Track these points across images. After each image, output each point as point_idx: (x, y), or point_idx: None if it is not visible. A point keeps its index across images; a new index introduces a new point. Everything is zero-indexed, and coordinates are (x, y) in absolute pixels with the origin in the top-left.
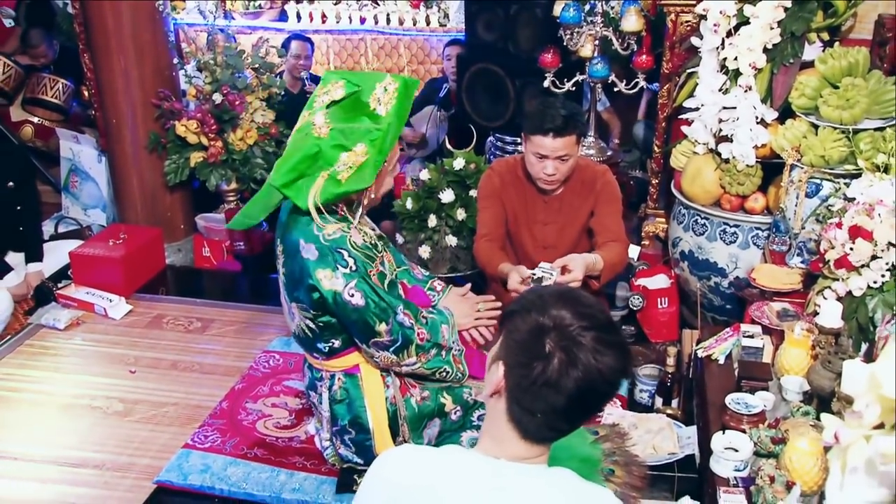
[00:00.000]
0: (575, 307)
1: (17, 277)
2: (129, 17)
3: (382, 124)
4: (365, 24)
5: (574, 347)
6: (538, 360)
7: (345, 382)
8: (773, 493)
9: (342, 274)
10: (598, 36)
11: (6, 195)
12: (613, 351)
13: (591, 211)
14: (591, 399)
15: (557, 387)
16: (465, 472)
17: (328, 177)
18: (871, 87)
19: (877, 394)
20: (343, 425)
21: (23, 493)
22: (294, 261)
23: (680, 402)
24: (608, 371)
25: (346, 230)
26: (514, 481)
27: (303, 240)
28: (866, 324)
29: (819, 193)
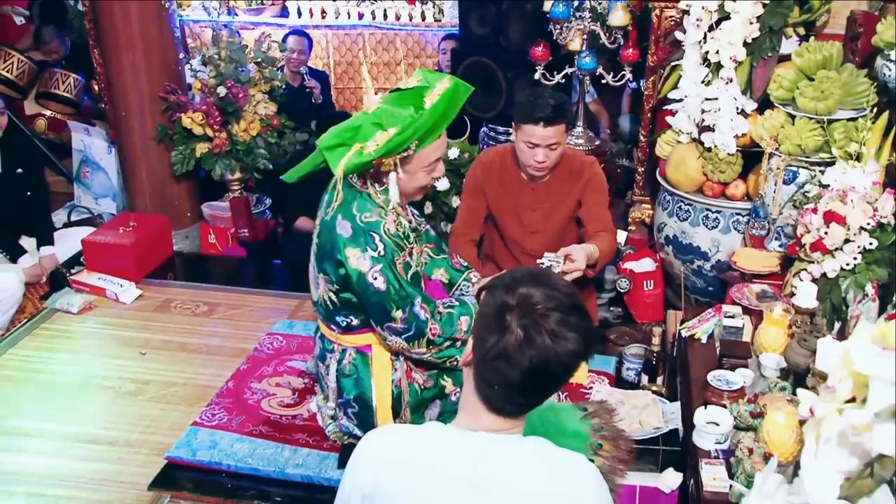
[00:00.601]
0: (543, 288)
1: (32, 259)
2: (137, 14)
3: (418, 114)
4: (363, 20)
5: (532, 327)
6: (496, 334)
7: (355, 359)
8: (752, 464)
9: (370, 256)
10: (587, 30)
11: (16, 182)
12: (573, 334)
13: (578, 199)
14: (544, 378)
15: (512, 361)
16: (445, 446)
17: (358, 149)
18: (844, 79)
19: (849, 370)
20: (348, 399)
21: (41, 467)
22: (329, 234)
23: (664, 379)
24: (564, 354)
25: (383, 216)
26: (491, 451)
27: (341, 216)
28: (839, 304)
29: (796, 180)
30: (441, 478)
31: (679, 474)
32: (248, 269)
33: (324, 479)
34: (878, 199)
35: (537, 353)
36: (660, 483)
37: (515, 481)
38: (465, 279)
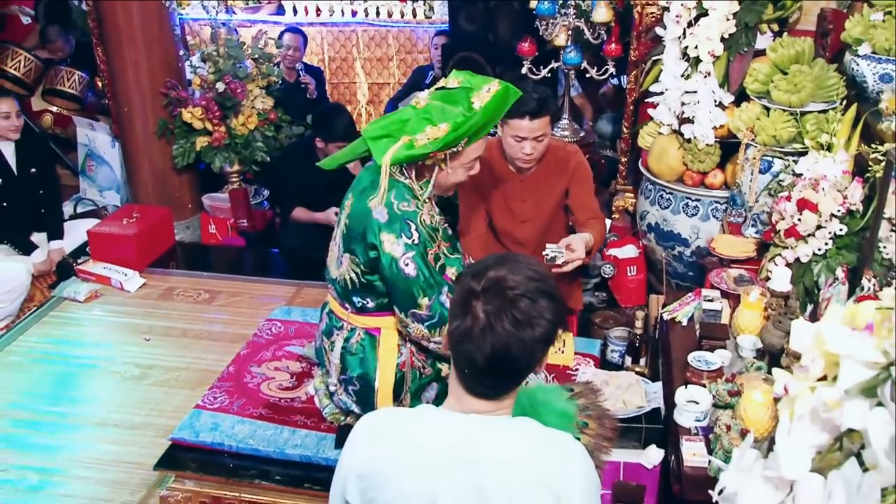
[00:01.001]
0: (511, 274)
1: (42, 255)
2: (138, 13)
3: (470, 114)
4: (356, 17)
5: (494, 314)
6: (461, 319)
7: (363, 339)
8: (730, 441)
9: (403, 243)
10: (571, 26)
11: (30, 181)
12: (539, 321)
13: (566, 188)
14: (508, 362)
15: (476, 345)
16: (437, 428)
17: (407, 141)
18: (816, 73)
19: (821, 350)
20: (351, 376)
21: (51, 447)
22: (362, 218)
23: (647, 360)
24: (529, 340)
25: (420, 207)
26: (481, 431)
27: (376, 201)
28: (812, 287)
29: (771, 170)
30: (433, 458)
31: (661, 451)
32: (247, 258)
33: (321, 459)
34: (848, 188)
35: (498, 339)
36: (643, 459)
37: (505, 461)
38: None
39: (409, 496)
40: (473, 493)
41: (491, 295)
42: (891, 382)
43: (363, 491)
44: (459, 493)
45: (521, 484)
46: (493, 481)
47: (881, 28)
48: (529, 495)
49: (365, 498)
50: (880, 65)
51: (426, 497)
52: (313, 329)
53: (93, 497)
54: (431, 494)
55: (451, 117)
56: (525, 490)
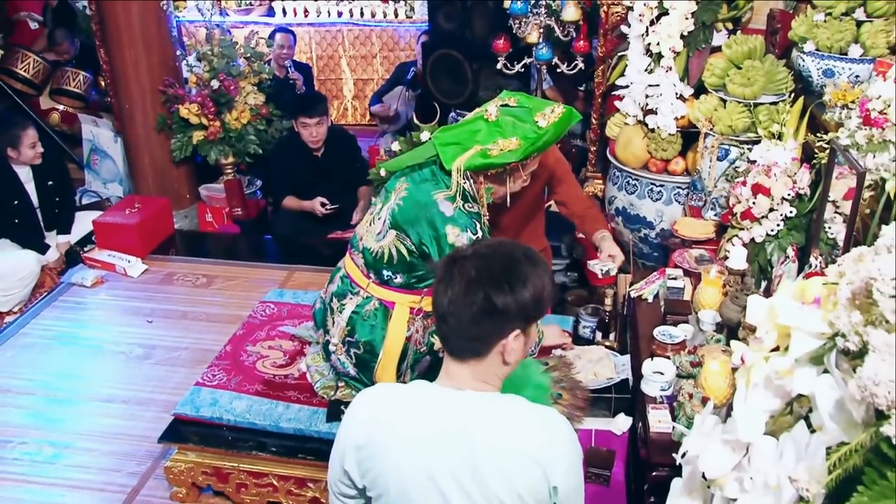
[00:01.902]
0: (500, 246)
1: (55, 253)
2: (138, 16)
3: (541, 131)
4: (342, 17)
5: (478, 270)
6: (448, 281)
7: (377, 308)
8: (692, 408)
9: (468, 237)
10: (543, 25)
11: (48, 191)
12: (520, 278)
13: (545, 182)
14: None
15: (457, 311)
16: (429, 402)
17: (480, 150)
18: (767, 68)
19: (774, 323)
20: (358, 340)
21: (63, 422)
22: (423, 206)
23: (616, 335)
24: (514, 294)
25: (480, 211)
26: (472, 406)
27: (444, 197)
28: (765, 265)
29: (728, 157)
30: (428, 434)
31: (629, 418)
32: (241, 244)
33: (314, 432)
34: (797, 173)
35: (481, 288)
36: (612, 426)
37: (495, 435)
38: None
39: (402, 469)
40: (469, 468)
41: (477, 258)
42: (836, 351)
43: (360, 461)
44: (455, 469)
45: (509, 457)
46: (484, 456)
47: (823, 28)
48: (518, 468)
49: (362, 468)
50: (823, 61)
51: (422, 472)
52: (305, 310)
53: (102, 468)
54: (427, 470)
55: (521, 132)
56: (513, 463)
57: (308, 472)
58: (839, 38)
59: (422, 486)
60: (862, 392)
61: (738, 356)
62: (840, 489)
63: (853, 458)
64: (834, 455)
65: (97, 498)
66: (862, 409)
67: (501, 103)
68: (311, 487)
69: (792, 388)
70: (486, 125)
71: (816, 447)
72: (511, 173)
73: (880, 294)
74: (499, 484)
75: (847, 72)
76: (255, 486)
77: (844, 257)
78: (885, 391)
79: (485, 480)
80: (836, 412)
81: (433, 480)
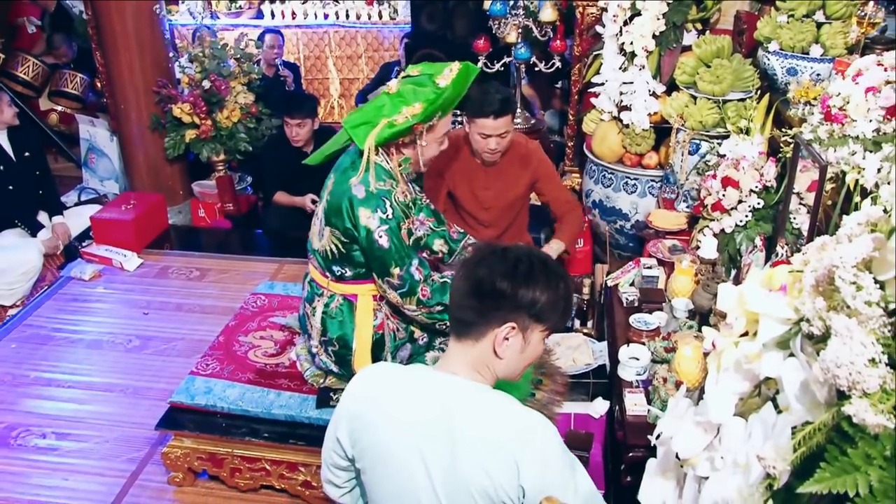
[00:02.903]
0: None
1: (48, 232)
2: (132, 20)
3: (440, 90)
4: (328, 20)
5: (480, 258)
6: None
7: (341, 304)
8: (666, 391)
9: (378, 217)
10: (521, 25)
11: (26, 164)
12: (544, 283)
13: (529, 182)
14: (480, 291)
15: (462, 280)
16: (424, 384)
17: (387, 122)
18: (734, 66)
19: (743, 309)
20: (331, 338)
21: (65, 410)
22: (343, 196)
23: (594, 322)
24: (487, 275)
25: (394, 187)
26: (462, 394)
27: (355, 180)
28: (735, 254)
29: (699, 151)
30: (414, 413)
31: (606, 402)
32: (233, 239)
33: (304, 418)
34: (764, 167)
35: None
36: (590, 410)
37: (476, 424)
38: (462, 248)
39: (388, 446)
40: (449, 453)
41: (503, 249)
42: (801, 336)
43: (351, 431)
44: (436, 451)
45: (486, 448)
46: (463, 442)
47: (786, 28)
48: (492, 459)
49: (352, 438)
50: (786, 60)
51: (406, 451)
52: (294, 301)
53: (103, 453)
54: (411, 449)
55: (423, 96)
56: (489, 454)
57: (299, 457)
58: (801, 38)
59: (405, 464)
60: (825, 374)
61: (710, 342)
62: (804, 466)
63: (816, 436)
64: (799, 434)
65: (98, 482)
66: (825, 391)
67: (404, 75)
68: (301, 471)
69: (760, 371)
70: (390, 98)
71: (783, 427)
72: (421, 137)
73: (842, 281)
74: (474, 470)
75: (809, 70)
76: (248, 470)
77: (808, 246)
78: (846, 373)
79: (462, 465)
80: (801, 393)
81: (416, 459)
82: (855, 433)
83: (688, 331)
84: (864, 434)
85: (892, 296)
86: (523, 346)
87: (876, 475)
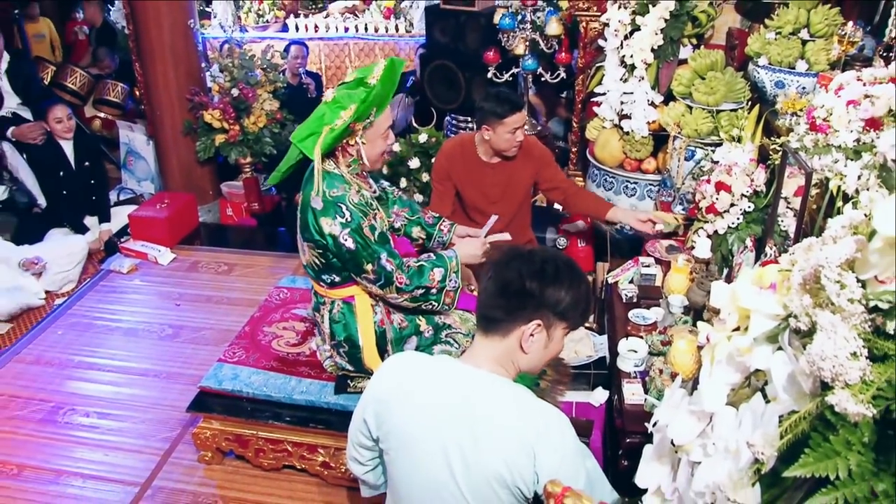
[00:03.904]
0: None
1: (93, 235)
2: (168, 34)
3: (370, 87)
4: (348, 32)
5: (509, 258)
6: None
7: (342, 308)
8: (662, 381)
9: (339, 223)
10: (528, 38)
11: (84, 172)
12: (565, 283)
13: (533, 173)
14: (509, 291)
15: (490, 281)
16: (448, 374)
17: (329, 129)
18: (727, 79)
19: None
20: (339, 340)
21: (105, 393)
22: (305, 210)
23: (595, 317)
24: (516, 277)
25: (347, 190)
26: (484, 387)
27: (313, 193)
28: (727, 254)
29: (694, 158)
30: (438, 399)
31: (606, 391)
32: (258, 236)
33: (324, 403)
34: (754, 173)
35: (518, 269)
36: (591, 399)
37: (496, 417)
38: (437, 230)
39: (412, 430)
40: (470, 438)
41: (529, 251)
42: (789, 331)
43: (377, 413)
44: (458, 437)
45: (505, 436)
46: (484, 429)
47: (774, 45)
48: (511, 448)
49: (378, 420)
50: (775, 74)
51: (429, 436)
52: None
53: (138, 433)
54: (434, 434)
55: (356, 98)
56: (507, 442)
57: (319, 440)
58: (788, 54)
59: (426, 447)
60: (810, 366)
61: (704, 336)
62: (790, 452)
63: (802, 424)
64: (785, 422)
65: (135, 459)
66: (810, 382)
67: (339, 83)
68: (321, 453)
69: (750, 363)
70: (328, 107)
71: (771, 416)
72: (362, 135)
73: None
74: (493, 457)
75: (795, 84)
76: (271, 451)
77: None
78: (830, 365)
79: (481, 452)
80: (789, 384)
81: (436, 443)
82: (837, 421)
83: (683, 325)
84: (845, 422)
85: (873, 294)
86: (547, 342)
87: (855, 460)
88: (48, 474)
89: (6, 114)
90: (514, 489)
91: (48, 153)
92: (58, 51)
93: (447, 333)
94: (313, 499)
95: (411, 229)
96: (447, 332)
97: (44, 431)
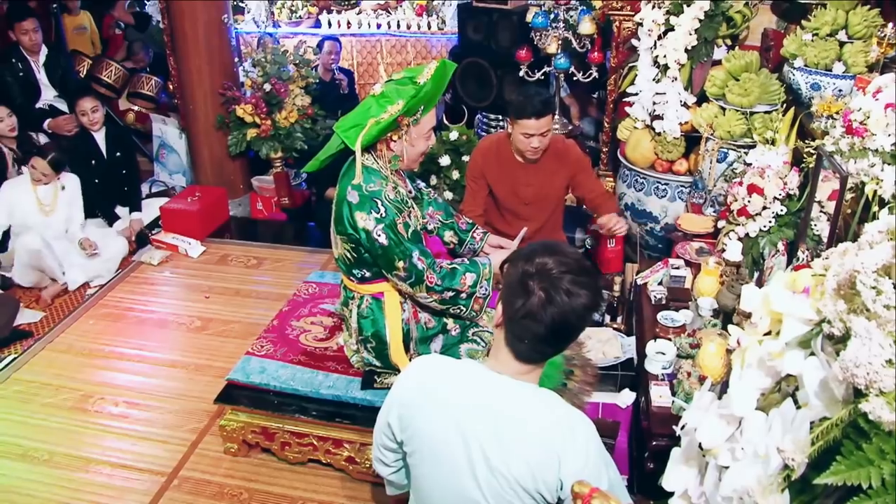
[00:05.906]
0: (556, 256)
1: (124, 223)
2: (203, 28)
3: (420, 86)
4: (380, 29)
5: (551, 289)
6: (522, 298)
7: (371, 304)
8: (689, 384)
9: (374, 218)
10: (561, 37)
11: (116, 163)
12: (584, 291)
13: (567, 177)
14: (565, 329)
15: (537, 318)
16: (474, 379)
17: (374, 122)
18: (761, 80)
19: (768, 309)
20: (367, 336)
21: (135, 383)
22: (341, 203)
23: (623, 318)
24: (579, 307)
25: (384, 186)
26: (510, 392)
27: (350, 187)
28: (758, 258)
29: (726, 159)
30: (462, 402)
31: (633, 393)
32: (288, 230)
33: (350, 398)
34: (787, 176)
35: (558, 309)
36: (618, 400)
37: (521, 415)
38: (470, 237)
39: (436, 432)
40: (496, 441)
41: (543, 274)
42: (822, 336)
43: (401, 417)
44: (482, 438)
45: (530, 439)
46: (509, 432)
47: (811, 46)
48: (535, 450)
49: (402, 423)
50: (811, 76)
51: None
52: None
53: (166, 423)
54: (458, 436)
55: (404, 94)
56: (532, 445)
57: (344, 434)
58: (824, 56)
59: (449, 450)
60: (844, 373)
61: (735, 339)
62: (821, 459)
63: (833, 431)
64: (817, 429)
65: (163, 448)
66: (843, 388)
67: (388, 79)
68: (346, 448)
69: (782, 368)
70: (375, 100)
71: (801, 421)
72: (407, 131)
73: (862, 285)
74: (516, 462)
75: (832, 86)
76: (297, 444)
77: (830, 252)
78: (864, 372)
79: (504, 456)
80: (821, 390)
81: (459, 446)
82: (870, 429)
83: (712, 328)
84: (878, 430)
85: None
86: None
87: (889, 469)
88: (77, 461)
89: (43, 106)
90: (537, 494)
91: (81, 144)
92: (97, 44)
93: (474, 332)
94: (337, 493)
95: (444, 233)
96: (474, 330)
97: (74, 419)
